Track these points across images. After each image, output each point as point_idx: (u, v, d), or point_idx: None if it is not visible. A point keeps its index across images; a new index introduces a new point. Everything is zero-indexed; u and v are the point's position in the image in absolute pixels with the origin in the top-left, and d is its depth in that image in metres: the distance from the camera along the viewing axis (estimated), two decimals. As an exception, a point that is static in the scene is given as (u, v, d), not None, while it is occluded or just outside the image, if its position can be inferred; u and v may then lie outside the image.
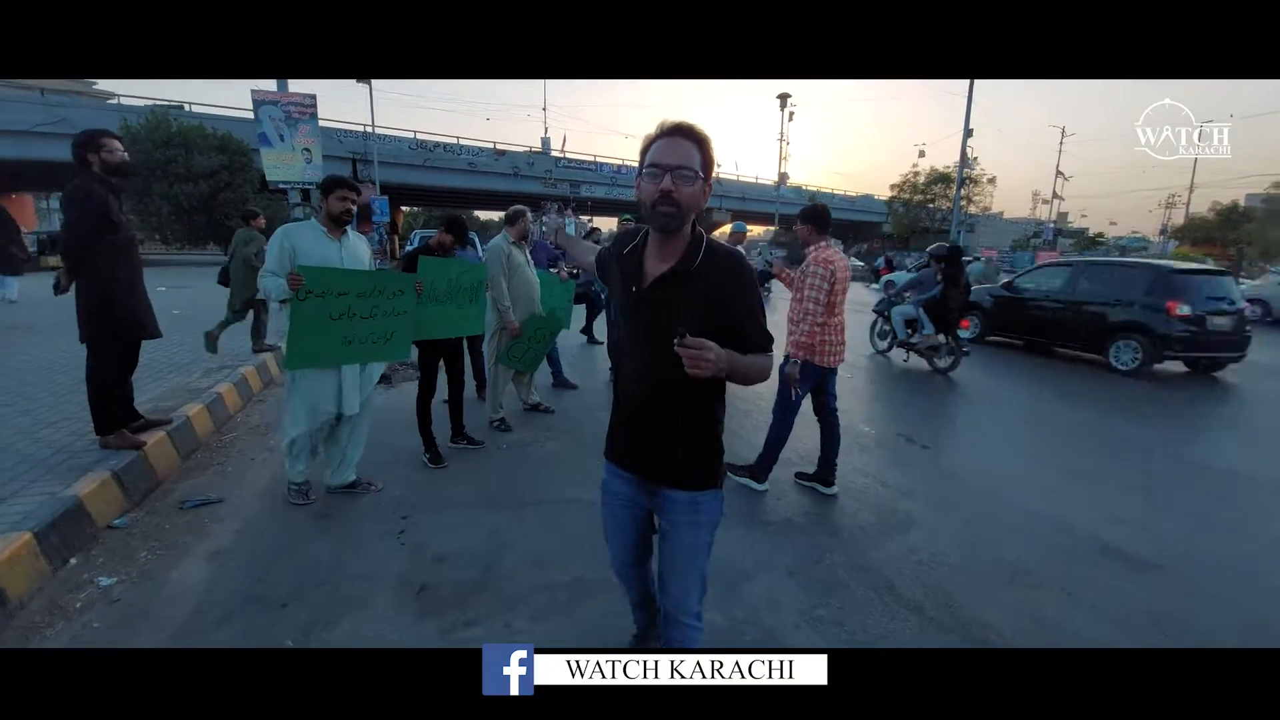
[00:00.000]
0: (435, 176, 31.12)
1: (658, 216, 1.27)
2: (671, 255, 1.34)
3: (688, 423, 1.39)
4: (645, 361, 1.35)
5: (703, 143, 1.28)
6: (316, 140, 9.00)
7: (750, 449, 3.98)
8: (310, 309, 2.66)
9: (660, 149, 1.27)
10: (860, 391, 5.87)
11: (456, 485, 3.37)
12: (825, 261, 3.06)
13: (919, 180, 34.74)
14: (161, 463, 3.36)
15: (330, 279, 2.72)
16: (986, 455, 4.17)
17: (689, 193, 1.26)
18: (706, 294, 1.31)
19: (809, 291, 3.07)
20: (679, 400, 1.35)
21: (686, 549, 1.46)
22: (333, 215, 2.86)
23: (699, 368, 1.15)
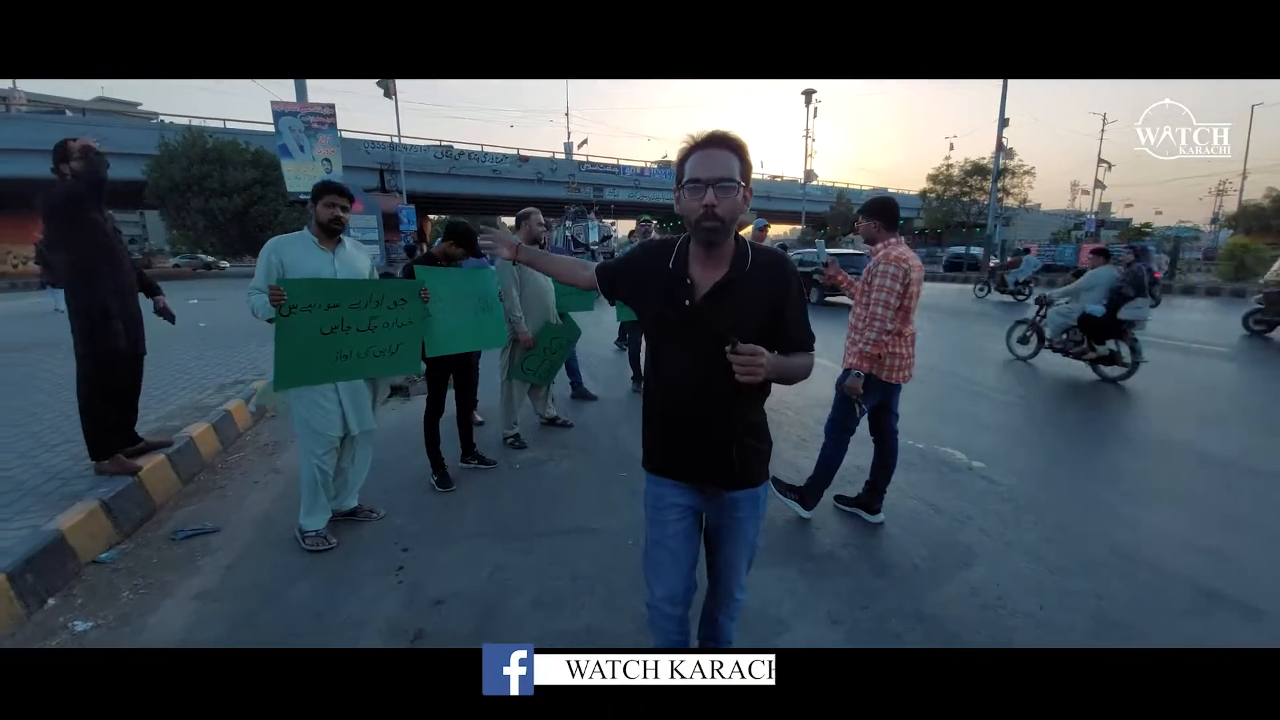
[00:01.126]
0: (460, 184, 31.44)
1: (703, 232, 1.27)
2: (720, 264, 1.34)
3: (747, 426, 1.41)
4: (702, 374, 1.31)
5: (740, 150, 1.27)
6: (336, 150, 8.96)
7: (777, 461, 3.64)
8: (295, 324, 2.44)
9: (699, 162, 1.26)
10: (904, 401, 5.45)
11: (464, 511, 3.13)
12: (897, 260, 2.64)
13: (953, 173, 33.58)
14: (159, 489, 3.20)
15: (317, 291, 2.50)
16: (1054, 476, 3.73)
17: (732, 204, 1.26)
18: (758, 298, 1.33)
19: (879, 295, 2.66)
20: (737, 407, 1.35)
21: (748, 541, 1.51)
22: (322, 224, 2.64)
23: (753, 374, 1.17)
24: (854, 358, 2.71)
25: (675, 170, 1.34)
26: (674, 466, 1.46)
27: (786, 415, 4.84)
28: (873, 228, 2.83)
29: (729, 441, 1.38)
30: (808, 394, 5.51)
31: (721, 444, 1.38)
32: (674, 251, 1.39)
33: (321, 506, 2.80)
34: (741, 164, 1.27)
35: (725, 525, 1.48)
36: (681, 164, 1.30)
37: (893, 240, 2.77)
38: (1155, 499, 3.31)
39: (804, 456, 3.90)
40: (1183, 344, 8.33)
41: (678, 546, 1.48)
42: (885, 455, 3.04)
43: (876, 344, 2.68)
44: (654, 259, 1.41)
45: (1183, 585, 2.47)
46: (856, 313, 2.85)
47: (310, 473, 2.73)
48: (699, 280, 1.34)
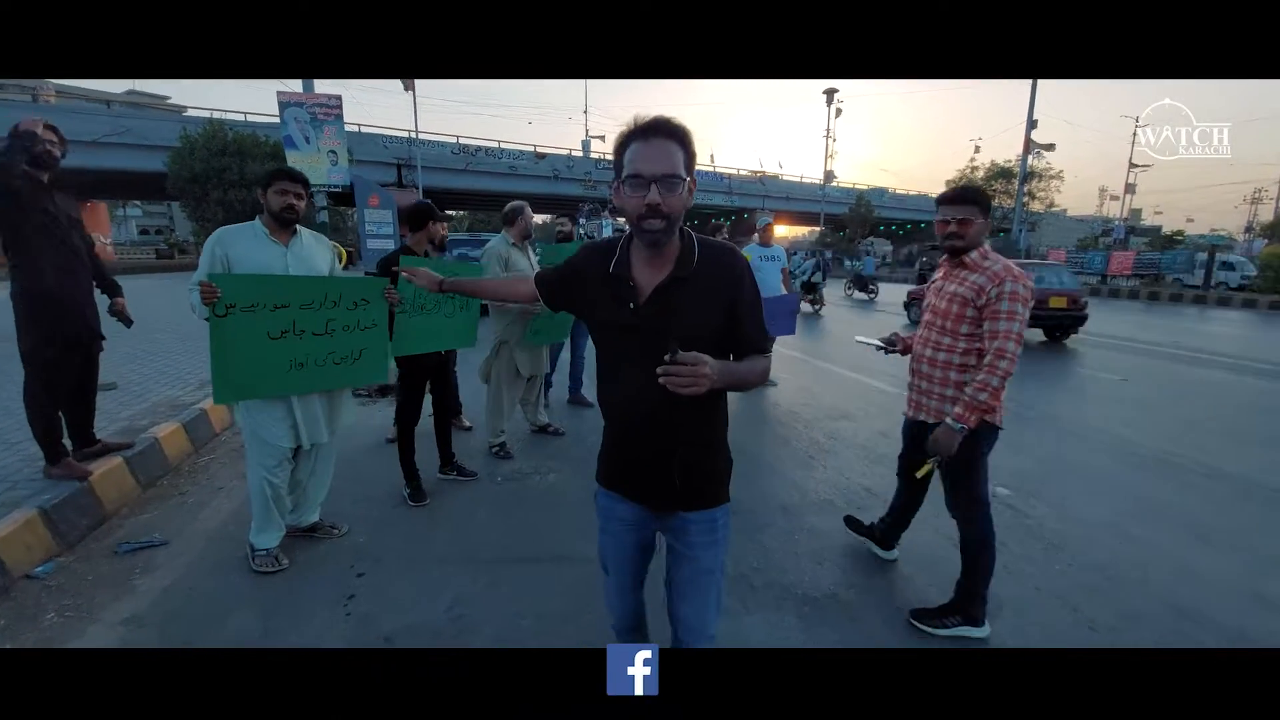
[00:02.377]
0: (477, 180, 31.38)
1: (646, 233, 1.17)
2: (665, 262, 1.23)
3: (701, 439, 1.30)
4: (647, 383, 1.13)
5: (684, 139, 1.16)
6: (342, 142, 8.80)
7: (782, 481, 3.33)
8: (235, 327, 2.19)
9: (640, 154, 1.15)
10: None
11: (434, 531, 2.87)
12: (1023, 277, 1.98)
13: (978, 176, 32.75)
14: (111, 495, 2.98)
15: (260, 288, 2.25)
16: (1090, 508, 3.37)
17: (677, 201, 1.15)
18: (708, 298, 1.23)
19: (1007, 324, 1.94)
20: (690, 417, 1.23)
21: (705, 572, 1.36)
22: (273, 212, 2.38)
23: (695, 386, 1.05)
24: (961, 407, 1.97)
25: (614, 160, 1.21)
26: (621, 482, 1.38)
27: (795, 430, 4.52)
28: (975, 225, 2.04)
29: (671, 455, 1.27)
30: (820, 405, 5.19)
31: (662, 458, 1.27)
32: (615, 252, 1.28)
33: (274, 523, 2.55)
34: (686, 155, 1.17)
35: (678, 551, 1.37)
36: (620, 154, 1.18)
37: (988, 247, 2.11)
38: (1212, 540, 2.94)
39: (810, 476, 3.59)
40: (1232, 360, 7.83)
41: (623, 556, 1.43)
42: (917, 493, 2.54)
43: (1001, 385, 1.96)
44: (595, 262, 1.30)
45: (1235, 637, 2.12)
46: (936, 340, 2.14)
47: (259, 487, 2.48)
48: (642, 282, 1.24)
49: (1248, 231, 50.03)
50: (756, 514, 3.05)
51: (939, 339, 2.15)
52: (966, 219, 2.05)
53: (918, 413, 2.28)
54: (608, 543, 1.45)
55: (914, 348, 2.29)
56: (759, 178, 41.47)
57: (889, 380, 6.19)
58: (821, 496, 3.31)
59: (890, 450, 4.04)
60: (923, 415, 2.24)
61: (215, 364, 2.18)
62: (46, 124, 2.65)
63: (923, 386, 2.24)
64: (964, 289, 2.05)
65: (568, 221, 5.24)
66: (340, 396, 2.70)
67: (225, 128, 23.49)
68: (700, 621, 1.37)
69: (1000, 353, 1.94)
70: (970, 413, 1.96)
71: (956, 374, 2.10)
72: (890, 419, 4.80)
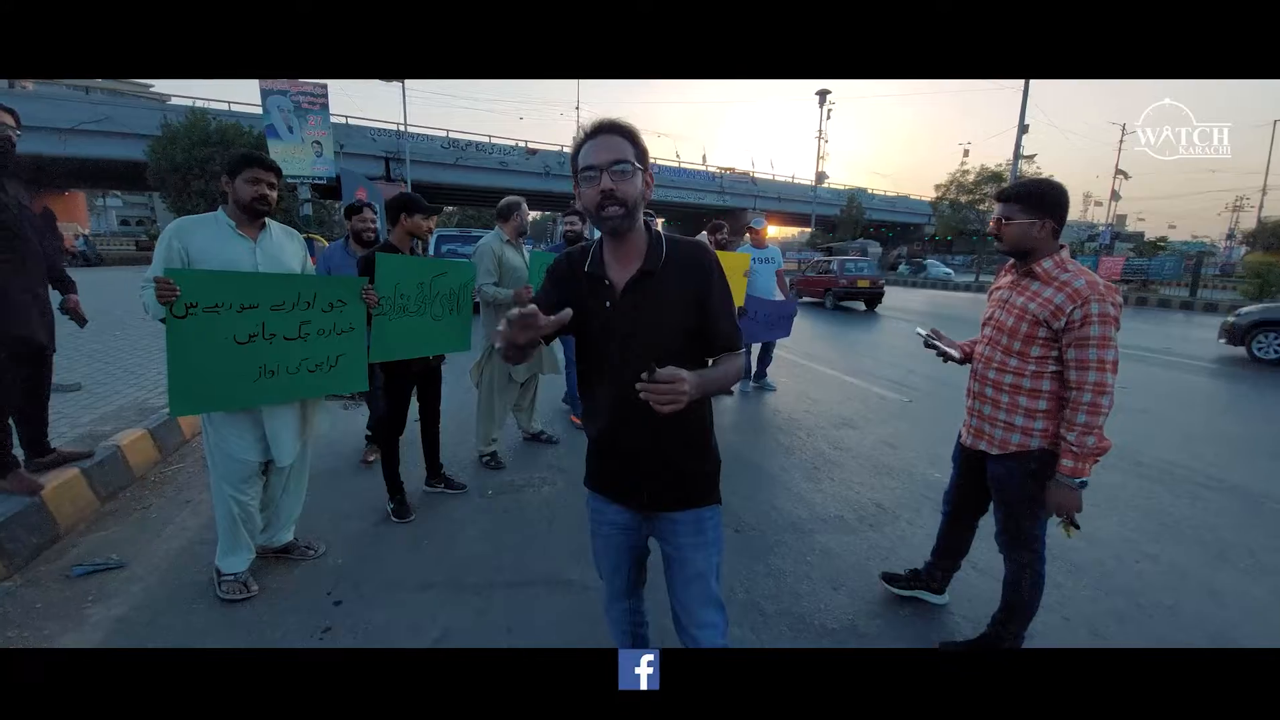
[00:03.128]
0: (467, 175, 30.97)
1: (605, 220, 1.20)
2: (634, 257, 1.26)
3: (682, 438, 1.30)
4: (627, 380, 1.13)
5: (632, 134, 1.21)
6: (328, 132, 8.53)
7: (787, 494, 3.15)
8: (197, 329, 1.97)
9: (590, 150, 1.20)
10: (920, 422, 4.95)
11: (418, 552, 2.66)
12: (1112, 291, 1.64)
13: (968, 179, 32.92)
14: (66, 510, 2.74)
15: (225, 286, 2.03)
16: (1105, 524, 3.22)
17: (630, 187, 1.19)
18: (679, 291, 1.25)
19: (1100, 352, 1.61)
20: (669, 417, 1.12)
21: (697, 576, 1.36)
22: (242, 203, 2.15)
23: (676, 402, 1.05)
24: (1069, 456, 1.65)
25: (570, 166, 1.26)
26: (607, 485, 1.39)
27: (798, 438, 4.35)
28: (1015, 226, 1.74)
29: (669, 453, 1.29)
30: (821, 412, 5.04)
31: (661, 456, 1.29)
32: (589, 255, 1.30)
33: (243, 545, 2.33)
34: (635, 148, 1.20)
35: (668, 554, 1.39)
36: (575, 158, 1.23)
37: (1065, 255, 1.71)
38: (1231, 558, 2.81)
39: (816, 490, 3.42)
40: (1220, 366, 7.80)
41: (618, 559, 1.45)
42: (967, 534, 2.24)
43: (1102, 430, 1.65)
44: (575, 264, 1.32)
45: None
46: (1001, 360, 1.82)
47: (225, 507, 2.27)
48: (615, 278, 1.26)
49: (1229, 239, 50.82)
50: (764, 532, 2.88)
51: (1004, 359, 1.82)
52: (1005, 218, 1.77)
53: (977, 441, 1.95)
54: (600, 546, 1.46)
55: (974, 365, 1.99)
56: (749, 178, 41.39)
57: (889, 386, 6.07)
58: (831, 512, 3.14)
59: (897, 461, 3.91)
60: (984, 444, 1.91)
61: (172, 371, 1.95)
62: (2, 106, 2.39)
63: (985, 412, 1.90)
64: (1036, 305, 1.72)
65: (577, 220, 4.65)
66: (313, 404, 2.48)
67: (208, 117, 22.88)
68: (696, 625, 1.38)
69: (1099, 388, 1.63)
70: (1083, 462, 1.65)
71: (1028, 400, 1.77)
72: (893, 427, 4.66)
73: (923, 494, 3.41)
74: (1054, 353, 1.72)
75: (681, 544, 1.34)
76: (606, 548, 1.44)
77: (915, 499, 3.35)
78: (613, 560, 1.45)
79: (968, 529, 2.22)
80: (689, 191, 37.77)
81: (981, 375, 1.92)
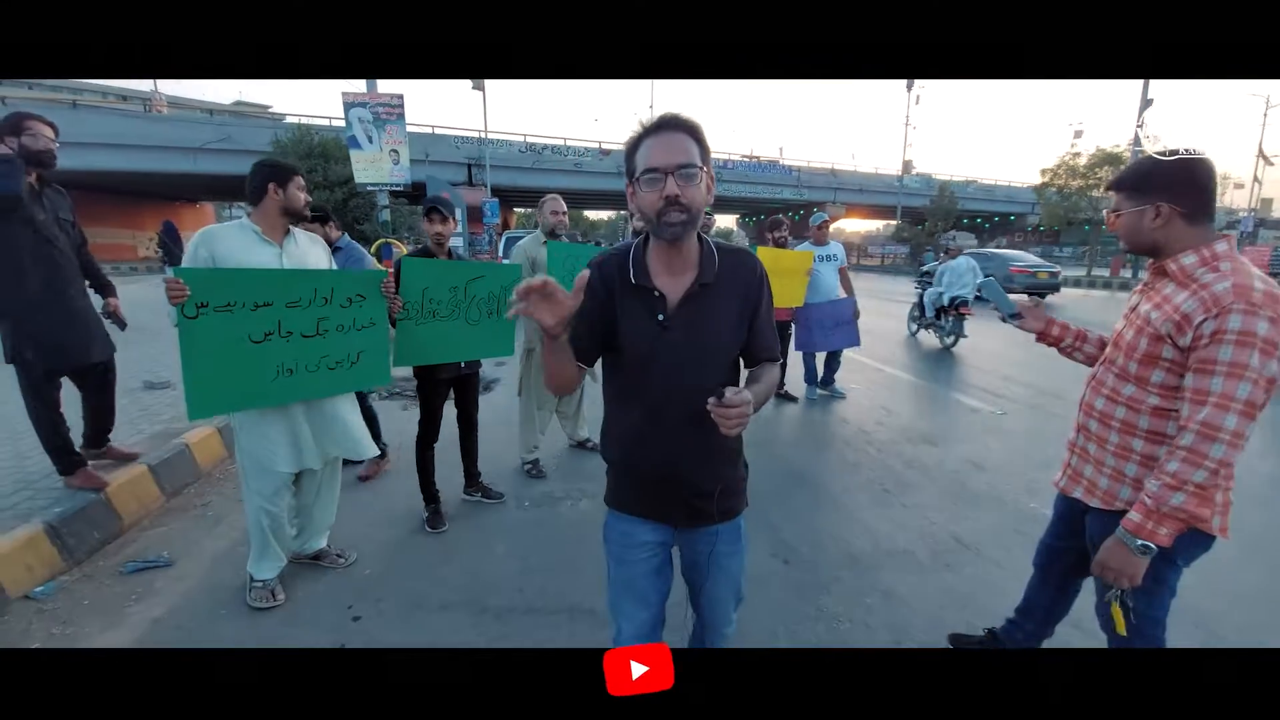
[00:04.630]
0: (544, 178, 31.72)
1: (667, 228, 1.10)
2: (687, 267, 1.19)
3: (729, 449, 1.27)
4: (680, 398, 1.15)
5: (697, 132, 1.11)
6: (404, 141, 8.86)
7: (850, 522, 2.77)
8: (209, 329, 1.94)
9: (652, 149, 1.10)
10: (989, 434, 4.35)
11: (446, 566, 2.56)
12: (1274, 299, 1.17)
13: (1079, 163, 29.75)
14: (130, 506, 2.88)
15: (238, 284, 1.99)
16: (1244, 577, 2.62)
17: (696, 193, 1.10)
18: (733, 304, 1.21)
19: (1227, 383, 1.17)
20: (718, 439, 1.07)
21: (731, 577, 1.37)
22: (294, 209, 2.20)
23: (742, 424, 1.01)
24: (1156, 505, 1.22)
25: (625, 164, 1.16)
26: (641, 502, 1.31)
27: (866, 454, 3.94)
28: (1149, 217, 1.30)
29: (718, 468, 1.26)
30: (896, 424, 4.56)
31: (711, 473, 1.25)
32: (630, 262, 1.19)
33: (273, 553, 2.33)
34: (700, 148, 1.12)
35: (702, 563, 1.34)
36: (632, 156, 1.13)
37: (1221, 247, 1.26)
38: None
39: (884, 517, 3.03)
40: None
41: (647, 588, 1.32)
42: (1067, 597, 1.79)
43: (1216, 472, 1.19)
44: (610, 277, 1.20)
45: None
46: (1114, 386, 1.41)
47: (256, 516, 2.26)
48: (668, 289, 1.18)
49: None
50: (817, 566, 2.56)
51: (1117, 385, 1.40)
52: (1114, 210, 1.38)
53: (1073, 485, 1.54)
54: (624, 576, 1.32)
55: (1083, 390, 1.54)
56: (828, 170, 39.67)
57: (980, 395, 5.43)
58: (899, 545, 2.75)
59: (984, 486, 3.41)
60: (1079, 492, 1.51)
61: (187, 373, 1.94)
62: (43, 119, 2.51)
63: (1089, 450, 1.49)
64: (1160, 315, 1.29)
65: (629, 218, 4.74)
66: (346, 411, 2.44)
67: (312, 132, 24.86)
68: (723, 620, 1.41)
69: (1210, 432, 1.17)
70: (1158, 522, 1.22)
71: (1144, 444, 1.34)
72: (981, 445, 4.12)
73: (1014, 528, 2.94)
74: (1183, 381, 1.28)
75: (719, 552, 1.32)
76: (632, 576, 1.32)
77: (1004, 534, 2.88)
78: (640, 591, 1.32)
79: (1060, 591, 1.78)
80: (764, 186, 36.76)
81: (1088, 403, 1.50)
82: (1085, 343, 1.65)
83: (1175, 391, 1.29)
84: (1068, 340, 1.67)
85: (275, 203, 2.18)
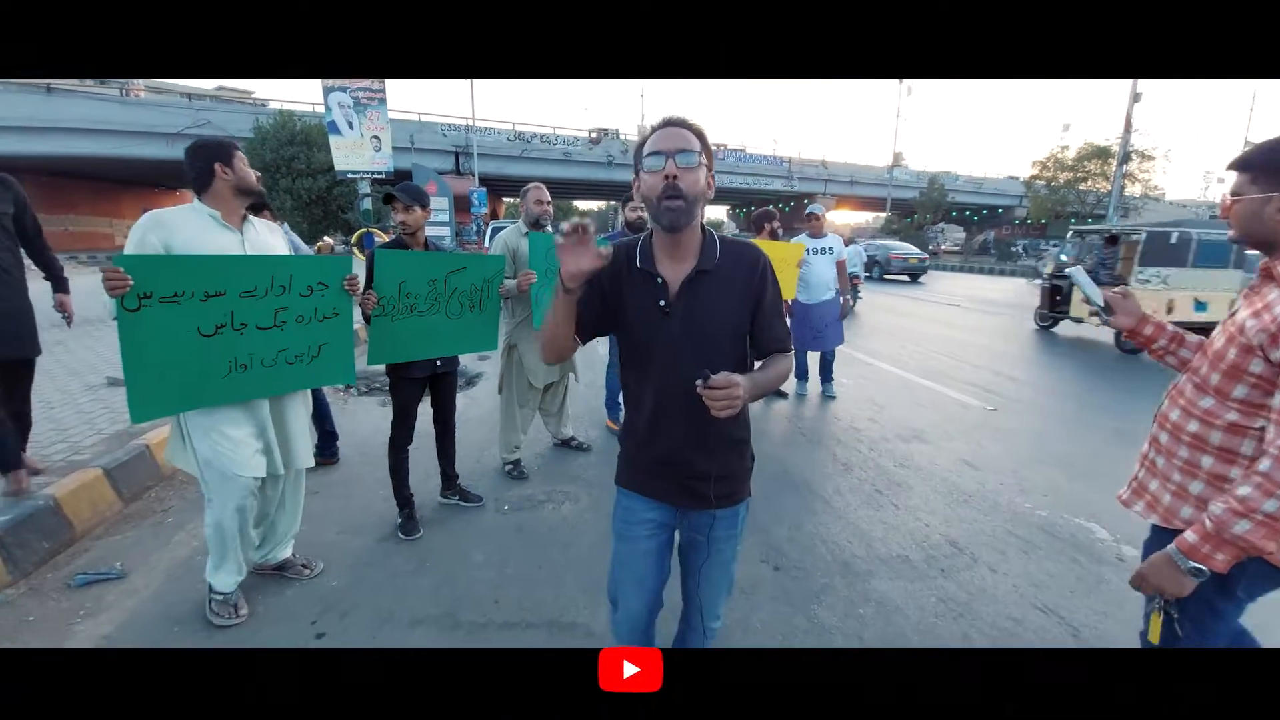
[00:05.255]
0: (532, 167, 31.31)
1: (666, 212, 1.16)
2: (688, 255, 1.24)
3: (733, 435, 1.30)
4: (679, 380, 1.15)
5: (699, 131, 1.19)
6: (386, 127, 8.60)
7: (843, 524, 2.68)
8: (154, 323, 1.77)
9: (657, 139, 1.18)
10: (1006, 436, 4.29)
11: (418, 577, 2.43)
12: None
13: (1067, 156, 29.87)
14: (84, 513, 2.72)
15: (185, 273, 1.81)
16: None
17: (694, 179, 1.16)
18: (735, 292, 1.25)
19: None
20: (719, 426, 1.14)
21: (725, 562, 1.41)
22: (248, 187, 2.05)
23: (731, 407, 1.05)
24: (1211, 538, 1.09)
25: (634, 164, 1.24)
26: (647, 482, 1.35)
27: (857, 453, 3.85)
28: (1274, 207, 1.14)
29: (723, 455, 1.31)
30: (887, 420, 4.48)
31: (716, 459, 1.30)
32: (637, 250, 1.26)
33: (233, 562, 2.18)
34: (701, 143, 1.19)
35: (699, 544, 1.39)
36: (639, 152, 1.21)
37: None
38: None
39: (877, 519, 2.94)
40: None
41: (645, 568, 1.38)
42: None
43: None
44: (618, 261, 1.24)
45: None
46: (1191, 398, 1.26)
47: (216, 525, 2.11)
48: (669, 276, 1.23)
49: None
50: (809, 573, 2.46)
51: (1194, 397, 1.26)
52: (1234, 193, 1.21)
53: (1135, 500, 1.39)
54: (625, 552, 1.38)
55: (1161, 399, 1.39)
56: (819, 161, 39.56)
57: (970, 390, 5.37)
58: (894, 550, 2.66)
59: (978, 486, 3.34)
60: (1140, 506, 1.37)
61: (128, 372, 1.77)
62: None
63: (1156, 464, 1.34)
64: (1256, 325, 1.12)
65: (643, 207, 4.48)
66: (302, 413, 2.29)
67: (294, 118, 24.29)
68: (713, 606, 1.45)
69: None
70: (1216, 547, 1.08)
71: (1214, 460, 1.20)
72: (973, 442, 4.05)
73: (1009, 530, 2.86)
74: (1270, 399, 1.14)
75: (717, 536, 1.35)
76: (633, 553, 1.37)
77: (999, 536, 2.80)
78: (639, 570, 1.38)
79: None
80: (754, 177, 36.57)
81: (1163, 414, 1.35)
82: (1182, 346, 1.46)
83: (1258, 409, 1.15)
84: (1161, 341, 1.48)
85: (226, 183, 2.01)
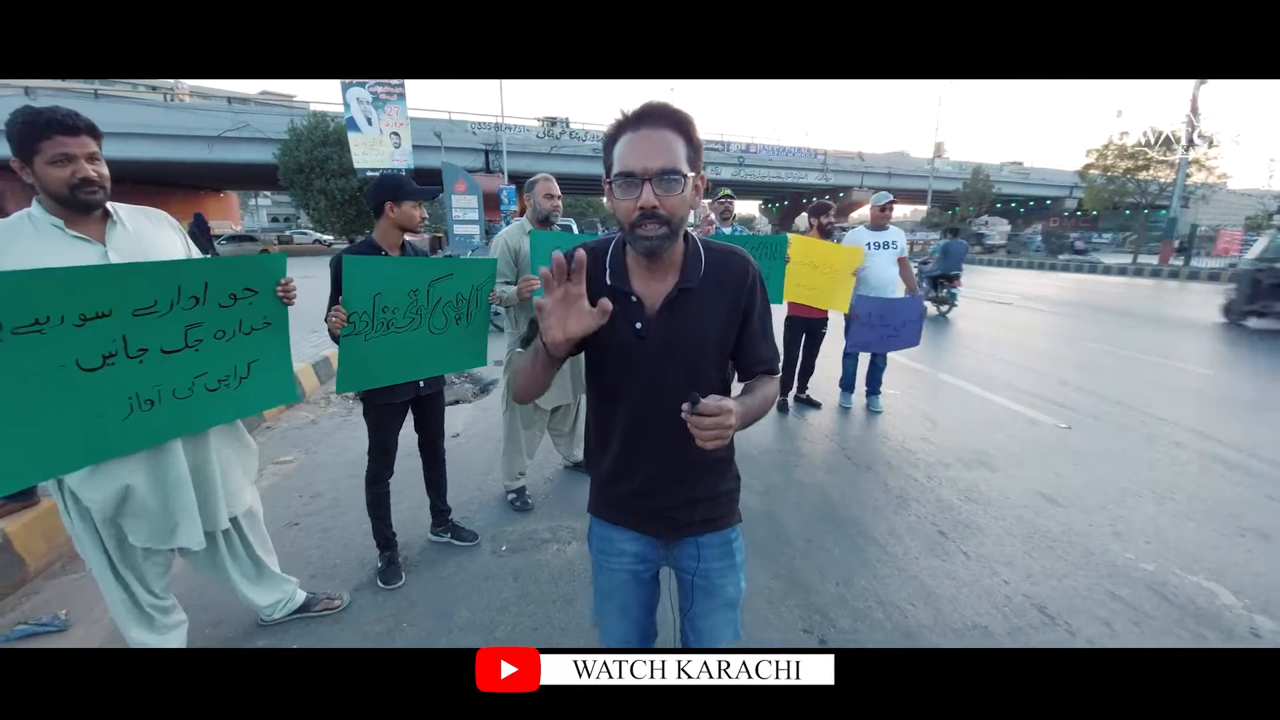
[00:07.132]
0: (561, 163, 31.14)
1: (642, 241, 0.99)
2: (669, 270, 1.07)
3: (712, 460, 1.14)
4: (657, 404, 1.06)
5: (685, 126, 0.98)
6: (405, 123, 8.37)
7: (903, 577, 2.19)
8: (7, 362, 1.35)
9: (631, 147, 0.96)
10: (1087, 457, 3.69)
11: (389, 638, 2.06)
12: None
13: (1125, 145, 28.03)
14: (39, 548, 2.45)
15: (47, 292, 1.38)
16: None
17: (678, 202, 0.97)
18: (720, 310, 1.09)
19: None
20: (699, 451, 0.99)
21: (728, 605, 1.23)
22: (59, 195, 1.48)
23: (721, 438, 0.91)
24: None
25: (604, 157, 1.02)
26: (621, 511, 1.22)
27: (913, 482, 3.33)
28: None
29: (703, 478, 1.17)
30: (945, 441, 3.91)
31: (695, 483, 1.16)
32: (608, 260, 1.08)
33: (158, 626, 1.85)
34: (688, 146, 0.97)
35: (695, 583, 1.22)
36: (610, 149, 0.99)
37: None
38: None
39: (944, 570, 2.45)
40: None
41: (626, 598, 1.25)
42: None
43: None
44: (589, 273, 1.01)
45: None
46: None
47: (117, 604, 1.76)
48: (646, 294, 1.07)
49: None
50: (864, 645, 1.99)
51: None
52: None
53: None
54: (605, 585, 1.26)
55: None
56: (855, 153, 38.26)
57: (1039, 404, 4.74)
58: (967, 618, 2.17)
59: (1060, 527, 2.79)
60: None
61: None
62: None
63: None
64: None
65: None
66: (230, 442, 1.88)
67: (327, 119, 24.57)
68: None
69: None
70: None
71: None
72: (1049, 469, 3.48)
73: (1108, 589, 2.34)
74: None
75: (710, 569, 1.21)
76: (613, 585, 1.26)
77: (1096, 598, 2.28)
78: (620, 600, 1.25)
79: None
80: (787, 170, 35.63)
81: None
82: None
83: None
84: None
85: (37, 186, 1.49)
